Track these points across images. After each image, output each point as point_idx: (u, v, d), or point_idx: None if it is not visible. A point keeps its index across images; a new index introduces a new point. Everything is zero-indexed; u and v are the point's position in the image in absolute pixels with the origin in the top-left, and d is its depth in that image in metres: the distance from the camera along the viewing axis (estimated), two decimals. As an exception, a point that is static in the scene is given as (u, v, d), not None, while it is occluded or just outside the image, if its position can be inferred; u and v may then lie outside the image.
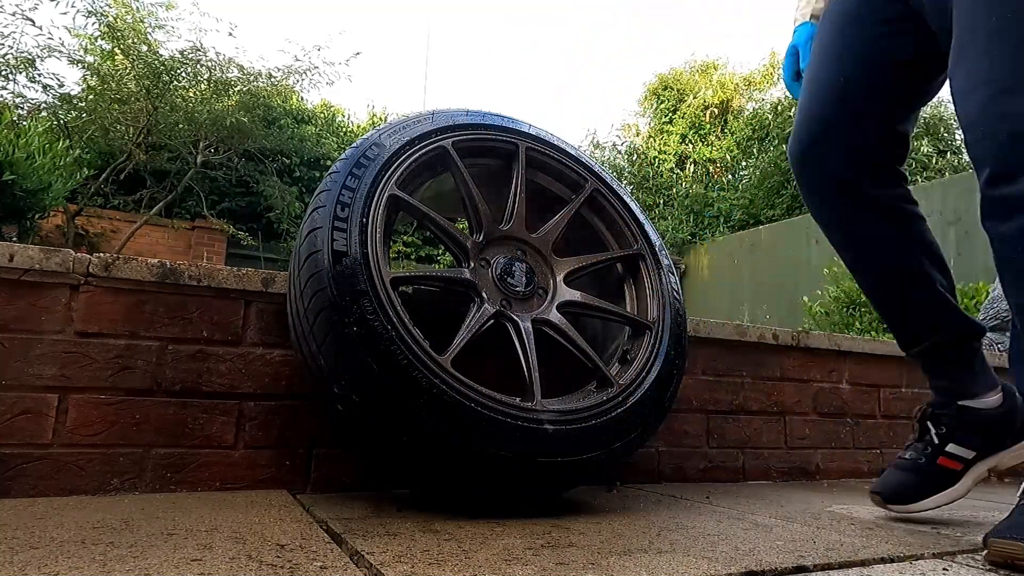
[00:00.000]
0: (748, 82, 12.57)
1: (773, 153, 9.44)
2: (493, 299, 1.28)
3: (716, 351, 1.93)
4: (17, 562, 0.75)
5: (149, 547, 0.84)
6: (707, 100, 12.02)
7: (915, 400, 2.34)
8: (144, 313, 1.31)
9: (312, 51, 7.70)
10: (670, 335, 1.40)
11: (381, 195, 1.22)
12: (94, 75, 6.81)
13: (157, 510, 1.09)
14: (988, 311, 3.41)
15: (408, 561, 0.82)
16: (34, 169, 3.18)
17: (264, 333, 1.40)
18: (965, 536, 1.19)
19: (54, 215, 6.12)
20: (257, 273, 1.41)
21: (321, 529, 1.00)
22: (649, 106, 13.06)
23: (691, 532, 1.10)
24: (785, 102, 9.89)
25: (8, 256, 1.21)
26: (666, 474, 1.80)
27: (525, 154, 1.43)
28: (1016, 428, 1.31)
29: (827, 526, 1.22)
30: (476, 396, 1.10)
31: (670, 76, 12.94)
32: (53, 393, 1.22)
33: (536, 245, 1.40)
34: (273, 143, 8.22)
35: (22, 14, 6.17)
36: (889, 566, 0.94)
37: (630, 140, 12.71)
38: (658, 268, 1.48)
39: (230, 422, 1.34)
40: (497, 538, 0.98)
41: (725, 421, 1.92)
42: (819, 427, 2.10)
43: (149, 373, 1.29)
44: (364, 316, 1.08)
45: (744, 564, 0.89)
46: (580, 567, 0.84)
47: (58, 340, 1.24)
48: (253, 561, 0.80)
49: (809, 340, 2.11)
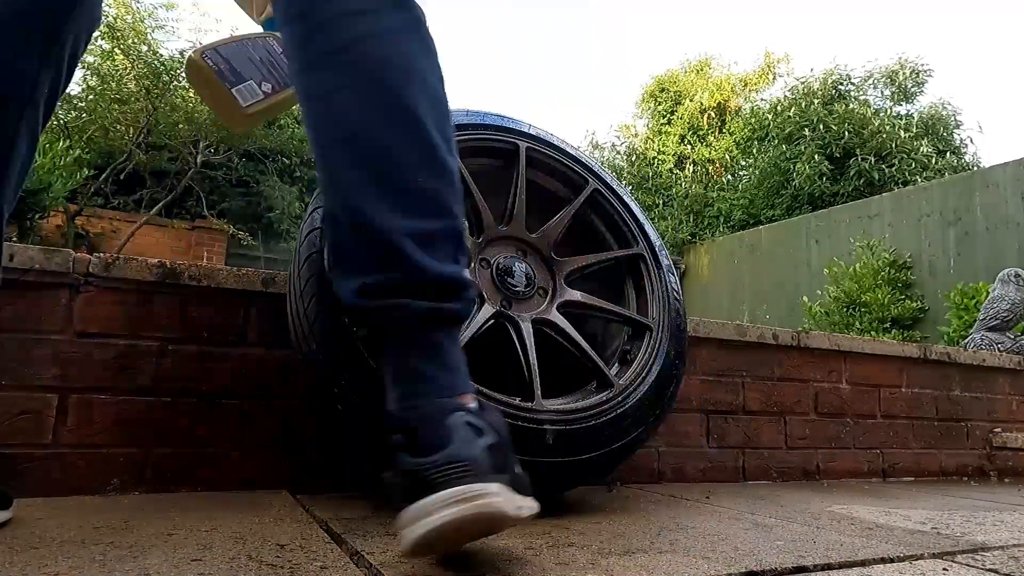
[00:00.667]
0: (744, 83, 12.58)
1: (773, 153, 9.44)
2: (493, 299, 1.28)
3: (716, 351, 1.93)
4: (17, 562, 0.75)
5: (149, 547, 0.84)
6: (704, 103, 12.03)
7: (915, 400, 2.34)
8: (144, 313, 1.31)
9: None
10: (670, 335, 1.40)
11: (381, 195, 1.22)
12: (94, 75, 6.82)
13: (157, 510, 1.09)
14: (988, 311, 3.42)
15: (408, 561, 0.82)
16: (34, 169, 3.18)
17: (264, 333, 1.40)
18: (965, 536, 1.19)
19: (54, 215, 6.12)
20: (257, 273, 1.41)
21: (321, 529, 1.00)
22: (647, 108, 13.06)
23: (691, 532, 1.10)
24: (785, 102, 9.89)
25: (8, 256, 1.21)
26: (666, 474, 1.80)
27: (525, 154, 1.43)
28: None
29: (827, 526, 1.22)
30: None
31: (667, 77, 12.94)
32: (53, 393, 1.22)
33: (536, 245, 1.40)
34: (273, 143, 8.22)
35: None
36: (889, 566, 0.93)
37: (629, 141, 12.72)
38: (658, 268, 1.48)
39: (230, 422, 1.34)
40: (497, 538, 0.97)
41: (725, 421, 1.92)
42: (819, 427, 2.10)
43: (149, 373, 1.29)
44: (364, 316, 1.08)
45: (744, 564, 0.89)
46: (580, 567, 0.84)
47: (58, 340, 1.24)
48: (253, 561, 0.80)
49: (809, 340, 2.11)
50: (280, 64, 1.18)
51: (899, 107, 9.97)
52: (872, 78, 10.13)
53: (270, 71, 1.16)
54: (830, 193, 8.64)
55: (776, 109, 9.89)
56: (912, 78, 9.92)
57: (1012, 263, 4.96)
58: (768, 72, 12.61)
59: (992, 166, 6.09)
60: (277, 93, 1.16)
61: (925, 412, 2.36)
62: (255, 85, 1.14)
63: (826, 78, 9.96)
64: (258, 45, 1.18)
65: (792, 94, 10.04)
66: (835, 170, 8.78)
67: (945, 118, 9.46)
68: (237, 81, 1.13)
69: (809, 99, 9.57)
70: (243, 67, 1.14)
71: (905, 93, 9.94)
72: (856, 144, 8.76)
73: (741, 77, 12.67)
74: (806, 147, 8.87)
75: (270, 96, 1.15)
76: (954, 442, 2.41)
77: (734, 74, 12.73)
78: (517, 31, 64.02)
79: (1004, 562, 0.99)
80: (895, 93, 9.98)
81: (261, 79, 1.15)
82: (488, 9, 62.90)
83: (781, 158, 9.20)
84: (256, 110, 1.14)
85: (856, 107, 9.13)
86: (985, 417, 2.51)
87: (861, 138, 8.80)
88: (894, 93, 9.99)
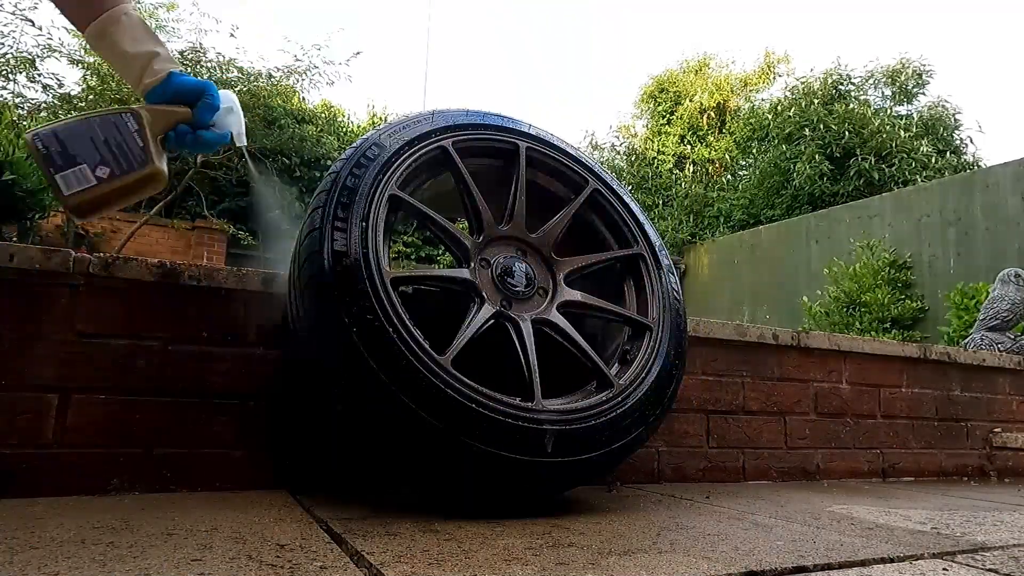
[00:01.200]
0: (744, 82, 12.58)
1: (773, 153, 9.44)
2: (493, 299, 1.28)
3: (716, 351, 1.93)
4: (17, 562, 0.75)
5: (149, 547, 0.84)
6: (704, 103, 12.02)
7: (915, 400, 2.34)
8: (144, 313, 1.31)
9: (312, 51, 7.71)
10: (670, 335, 1.40)
11: (381, 195, 1.22)
12: (94, 75, 6.81)
13: (157, 510, 1.09)
14: (988, 311, 3.42)
15: (408, 561, 0.82)
16: (34, 169, 3.19)
17: (264, 333, 1.40)
18: (965, 536, 1.19)
19: (54, 215, 6.11)
20: (257, 273, 1.41)
21: (321, 529, 1.00)
22: (646, 108, 13.06)
23: (691, 532, 1.10)
24: (785, 102, 9.89)
25: (8, 256, 1.21)
26: (666, 474, 1.80)
27: (525, 154, 1.43)
28: None
29: (827, 526, 1.22)
30: (476, 396, 1.10)
31: (665, 77, 12.92)
32: (53, 393, 1.22)
33: (536, 245, 1.40)
34: (273, 143, 8.22)
35: (21, 15, 6.17)
36: (889, 566, 0.93)
37: (628, 141, 12.71)
38: (658, 268, 1.48)
39: (230, 422, 1.34)
40: (497, 538, 0.98)
41: (725, 421, 1.92)
42: (819, 427, 2.10)
43: (149, 373, 1.29)
44: (364, 316, 1.08)
45: (744, 564, 0.89)
46: (580, 567, 0.84)
47: (58, 340, 1.23)
48: (253, 561, 0.80)
49: (809, 340, 2.11)
50: (131, 145, 1.03)
51: (899, 107, 9.97)
52: (873, 78, 10.13)
53: (113, 154, 1.02)
54: (830, 193, 8.64)
55: (776, 109, 9.89)
56: (914, 78, 9.92)
57: (1012, 263, 4.96)
58: (768, 72, 12.60)
59: (992, 166, 6.09)
60: (116, 178, 1.01)
61: (925, 412, 2.36)
62: (86, 170, 1.00)
63: (826, 78, 9.95)
64: (108, 123, 1.03)
65: (792, 94, 10.04)
66: (835, 170, 8.78)
67: (945, 118, 9.45)
68: (65, 166, 0.99)
69: (809, 99, 9.57)
70: (78, 149, 1.01)
71: (906, 93, 9.94)
72: (856, 144, 8.76)
73: (741, 77, 12.66)
74: (806, 147, 8.87)
75: (104, 182, 1.00)
76: (954, 442, 2.41)
77: (734, 74, 12.72)
78: (517, 31, 64.02)
79: (1004, 562, 0.99)
80: (896, 93, 9.97)
81: (97, 163, 1.01)
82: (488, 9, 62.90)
83: (781, 158, 9.20)
84: (82, 199, 0.99)
85: (856, 107, 9.12)
86: (985, 417, 2.51)
87: (861, 138, 8.79)
88: (895, 93, 9.98)
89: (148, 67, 1.05)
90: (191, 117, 1.08)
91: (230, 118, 1.13)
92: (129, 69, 1.06)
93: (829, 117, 9.02)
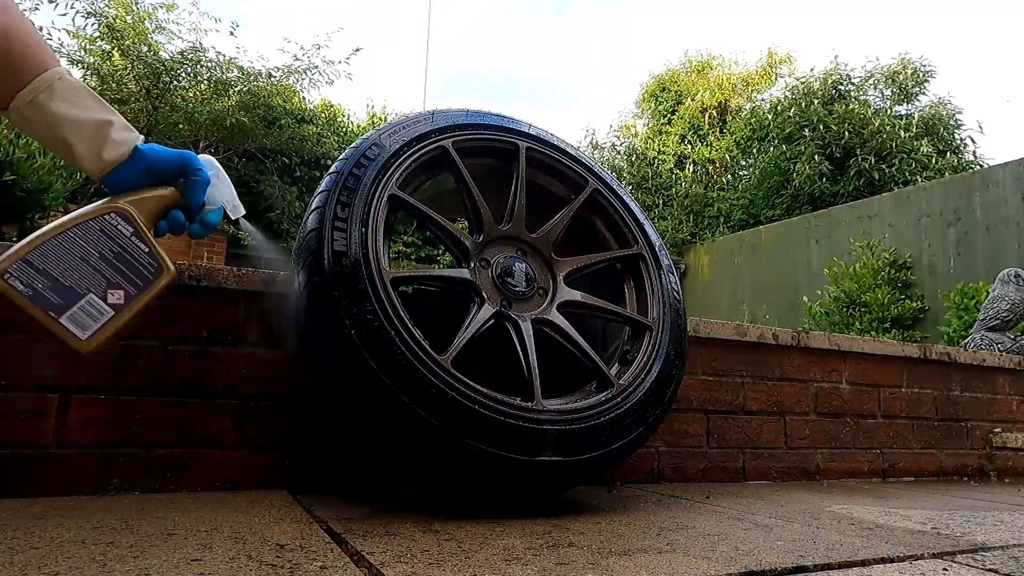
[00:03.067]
0: (746, 82, 12.57)
1: (773, 153, 9.44)
2: (493, 299, 1.28)
3: (716, 351, 1.93)
4: (17, 562, 0.75)
5: (149, 547, 0.84)
6: (705, 102, 12.02)
7: (915, 400, 2.34)
8: (144, 313, 1.31)
9: (311, 50, 7.71)
10: (670, 335, 1.40)
11: (381, 195, 1.22)
12: (94, 75, 6.81)
13: (157, 510, 1.09)
14: (988, 311, 3.42)
15: (408, 561, 0.82)
16: (34, 169, 3.18)
17: (264, 333, 1.40)
18: (965, 536, 1.19)
19: (54, 215, 6.12)
20: (257, 273, 1.41)
21: (321, 529, 1.00)
22: (647, 107, 13.05)
23: (691, 532, 1.10)
24: (785, 102, 9.89)
25: (8, 256, 1.21)
26: (666, 474, 1.80)
27: (525, 154, 1.43)
28: None
29: (827, 526, 1.22)
30: (476, 396, 1.10)
31: (667, 77, 12.92)
32: (53, 393, 1.21)
33: (536, 245, 1.40)
34: (273, 143, 8.22)
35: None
36: (889, 566, 0.93)
37: (629, 141, 12.70)
38: (658, 268, 1.48)
39: (230, 422, 1.34)
40: (497, 538, 0.98)
41: (725, 421, 1.92)
42: (819, 427, 2.10)
43: (149, 373, 1.29)
44: (364, 316, 1.08)
45: (744, 564, 0.89)
46: (580, 567, 0.84)
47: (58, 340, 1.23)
48: (253, 561, 0.80)
49: (809, 340, 2.11)
50: (135, 254, 0.84)
51: (899, 107, 9.97)
52: (873, 78, 10.12)
53: (120, 271, 0.83)
54: (830, 193, 8.64)
55: (776, 109, 9.89)
56: (914, 78, 9.91)
57: (1012, 263, 4.96)
58: (770, 72, 12.59)
59: (992, 166, 6.09)
60: (135, 300, 0.83)
61: (925, 412, 2.36)
62: (95, 300, 0.80)
63: (826, 78, 9.95)
64: (95, 233, 0.82)
65: (792, 94, 10.04)
66: (835, 170, 8.78)
67: (945, 118, 9.45)
68: (67, 303, 0.79)
69: (809, 99, 9.57)
70: (73, 277, 0.80)
71: (906, 93, 9.94)
72: (856, 144, 8.76)
73: (742, 76, 12.65)
74: (806, 147, 8.87)
75: (124, 308, 0.82)
76: (954, 442, 2.41)
77: (735, 74, 12.71)
78: (517, 31, 64.02)
79: (1004, 562, 0.99)
80: (896, 93, 9.97)
81: (105, 288, 0.81)
82: (488, 9, 62.92)
83: (781, 158, 9.20)
84: (104, 337, 0.81)
85: (856, 107, 9.12)
86: (985, 417, 2.51)
87: (861, 138, 8.80)
88: (895, 93, 9.98)
89: (106, 140, 0.83)
90: (179, 199, 0.90)
91: (219, 187, 0.96)
92: (78, 143, 0.82)
93: (829, 117, 9.02)
